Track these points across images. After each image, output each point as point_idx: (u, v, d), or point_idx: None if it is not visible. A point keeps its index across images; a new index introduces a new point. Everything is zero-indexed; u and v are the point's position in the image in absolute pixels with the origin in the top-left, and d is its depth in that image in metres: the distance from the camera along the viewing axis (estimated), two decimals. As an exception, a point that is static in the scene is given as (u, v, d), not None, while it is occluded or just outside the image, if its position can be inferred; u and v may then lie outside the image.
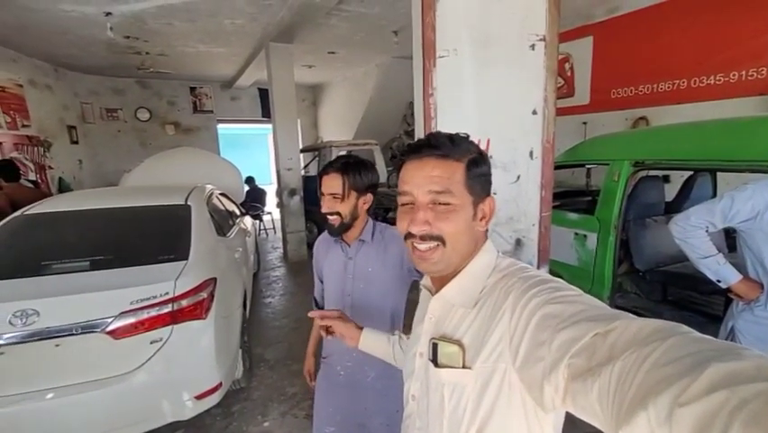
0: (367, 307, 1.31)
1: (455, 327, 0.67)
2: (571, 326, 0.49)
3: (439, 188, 0.64)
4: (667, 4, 4.24)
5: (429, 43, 1.63)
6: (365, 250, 1.31)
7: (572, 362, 0.47)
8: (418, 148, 0.67)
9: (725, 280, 1.61)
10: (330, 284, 1.37)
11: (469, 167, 0.66)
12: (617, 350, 0.43)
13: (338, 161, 1.26)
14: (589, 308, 0.51)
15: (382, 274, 1.29)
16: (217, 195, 3.58)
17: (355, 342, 1.03)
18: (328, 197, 1.24)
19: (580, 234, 2.80)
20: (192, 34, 5.32)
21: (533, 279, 0.61)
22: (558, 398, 0.50)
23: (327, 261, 1.37)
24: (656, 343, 0.40)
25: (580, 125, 5.06)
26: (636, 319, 0.46)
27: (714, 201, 1.61)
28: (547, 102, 1.71)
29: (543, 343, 0.52)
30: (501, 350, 0.59)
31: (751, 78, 3.70)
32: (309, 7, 4.17)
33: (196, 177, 4.19)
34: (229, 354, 2.26)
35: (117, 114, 8.49)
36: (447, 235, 0.65)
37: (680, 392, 0.34)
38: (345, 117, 9.40)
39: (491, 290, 0.65)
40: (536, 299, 0.56)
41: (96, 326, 1.77)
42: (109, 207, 2.56)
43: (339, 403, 1.37)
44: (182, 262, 2.10)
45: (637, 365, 0.39)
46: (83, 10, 4.18)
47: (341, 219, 1.26)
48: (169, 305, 1.89)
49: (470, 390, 0.62)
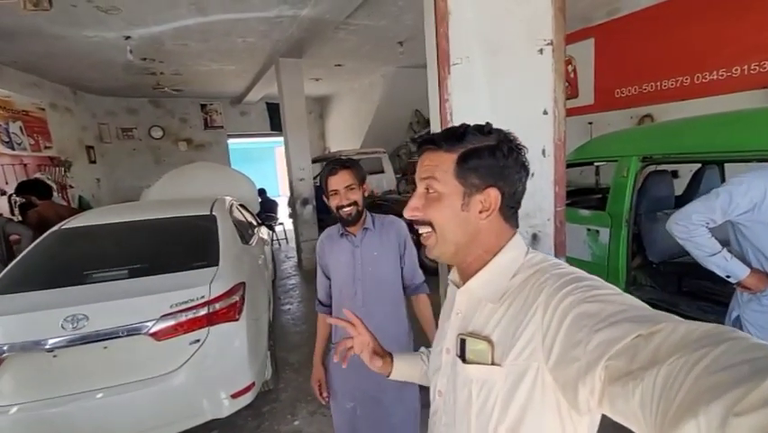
0: (377, 286, 1.49)
1: (484, 323, 0.66)
2: (610, 326, 0.47)
3: (426, 174, 0.69)
4: (667, 4, 4.34)
5: (443, 52, 1.75)
6: (369, 237, 1.50)
7: (610, 364, 0.45)
8: (422, 143, 0.72)
9: (734, 276, 1.60)
10: (339, 274, 1.51)
11: (464, 157, 0.66)
12: (663, 354, 0.41)
13: (338, 162, 1.45)
14: (630, 308, 0.49)
15: (386, 256, 1.51)
16: (237, 206, 3.71)
17: (386, 371, 0.96)
18: (344, 190, 1.41)
19: (593, 230, 2.87)
20: (205, 53, 5.53)
21: (567, 276, 0.59)
22: (593, 400, 0.48)
23: (333, 255, 1.52)
24: (708, 348, 0.38)
25: (586, 125, 5.14)
26: (683, 322, 0.44)
27: (710, 198, 1.62)
28: (557, 102, 1.81)
29: (578, 343, 0.50)
30: (534, 348, 0.57)
31: (753, 71, 3.77)
32: (319, 23, 4.34)
33: (214, 189, 4.33)
34: (259, 355, 2.35)
35: (132, 132, 8.76)
36: (434, 222, 0.69)
37: (736, 401, 0.32)
38: (352, 127, 9.57)
39: (522, 285, 0.63)
40: (571, 296, 0.54)
41: (139, 328, 1.89)
42: (141, 219, 2.69)
43: (356, 380, 1.48)
44: (214, 268, 2.22)
45: (686, 371, 0.37)
46: (104, 35, 4.40)
47: (356, 208, 1.44)
48: (205, 307, 2.00)
49: (499, 387, 0.61)
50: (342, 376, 1.52)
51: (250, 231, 3.68)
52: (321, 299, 1.62)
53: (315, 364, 1.60)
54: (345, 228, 1.51)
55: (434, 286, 1.73)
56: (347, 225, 1.48)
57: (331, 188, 1.43)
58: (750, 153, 2.12)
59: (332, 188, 1.43)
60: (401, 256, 1.55)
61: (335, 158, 1.57)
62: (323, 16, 4.12)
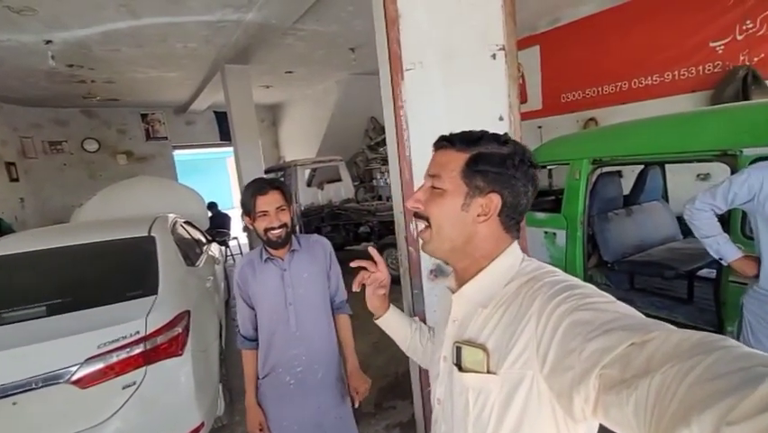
0: (310, 308, 1.44)
1: (479, 331, 0.66)
2: (604, 334, 0.47)
3: (433, 171, 0.71)
4: (604, 13, 4.59)
5: (395, 57, 1.66)
6: (297, 258, 1.44)
7: (604, 372, 0.45)
8: (438, 141, 0.73)
9: (724, 258, 1.73)
10: (267, 302, 1.42)
11: (475, 159, 0.66)
12: (656, 362, 0.41)
13: (264, 181, 1.38)
14: (623, 316, 0.49)
15: (316, 276, 1.46)
16: (181, 223, 3.42)
17: (379, 313, 1.00)
18: (274, 211, 1.34)
19: (550, 233, 2.90)
20: (141, 60, 5.13)
21: (560, 283, 0.59)
22: (588, 408, 0.48)
23: (258, 282, 1.43)
24: (700, 356, 0.38)
25: (536, 129, 5.32)
26: (676, 330, 0.44)
27: (716, 185, 1.70)
28: (512, 108, 1.78)
29: (572, 351, 0.50)
30: (528, 357, 0.57)
31: (683, 77, 4.05)
32: (265, 28, 4.15)
33: (157, 206, 3.99)
34: (209, 390, 2.13)
35: (62, 146, 7.98)
36: (431, 217, 0.70)
37: (728, 410, 0.32)
38: (307, 135, 9.35)
39: (516, 293, 0.63)
40: (565, 304, 0.54)
41: (58, 376, 1.62)
42: (64, 246, 2.36)
43: (293, 412, 1.43)
44: (151, 297, 1.97)
45: (679, 379, 0.37)
46: (20, 38, 3.93)
47: (287, 230, 1.37)
48: (140, 345, 1.76)
49: (495, 395, 0.61)
50: (277, 412, 1.44)
51: (197, 250, 3.39)
52: (245, 333, 1.49)
53: (250, 407, 1.46)
54: (270, 252, 1.42)
55: (398, 294, 1.65)
56: (275, 247, 1.40)
57: (259, 210, 1.33)
58: (690, 154, 2.22)
59: (260, 209, 1.33)
60: (327, 273, 1.51)
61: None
62: (269, 21, 3.94)
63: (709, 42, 3.88)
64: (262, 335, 1.44)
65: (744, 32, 3.70)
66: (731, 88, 3.64)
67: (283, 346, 1.42)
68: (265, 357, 1.44)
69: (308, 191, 6.57)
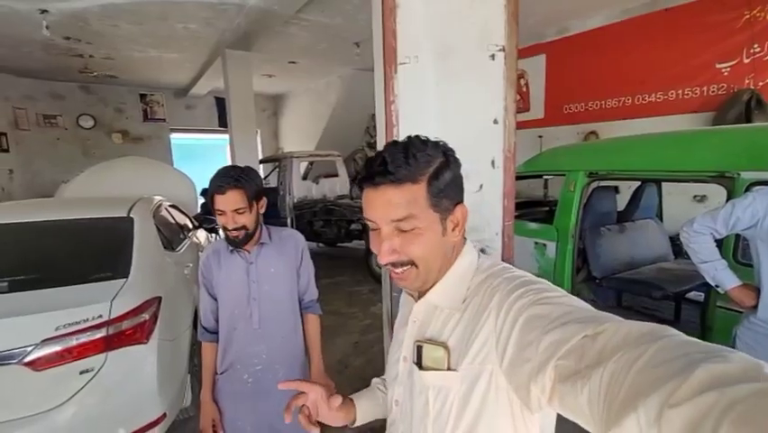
0: (275, 306, 1.37)
1: (440, 329, 0.66)
2: (559, 327, 0.49)
3: (400, 215, 0.62)
4: (612, 27, 4.54)
5: (390, 49, 1.59)
6: (265, 252, 1.37)
7: (560, 363, 0.47)
8: (372, 176, 0.63)
9: (721, 285, 1.64)
10: (230, 294, 1.36)
11: (431, 183, 0.62)
12: (607, 353, 0.43)
13: (229, 176, 1.24)
14: (576, 309, 0.52)
15: (284, 273, 1.39)
16: (167, 207, 3.33)
17: (349, 420, 0.84)
18: (231, 213, 1.24)
19: (540, 244, 2.85)
20: (140, 38, 5.03)
21: (518, 279, 0.61)
22: (544, 398, 0.50)
23: (223, 272, 1.36)
24: (646, 345, 0.40)
25: (536, 139, 5.27)
26: (626, 322, 0.46)
27: (717, 208, 1.62)
28: (507, 111, 1.71)
29: (530, 344, 0.51)
30: (487, 351, 0.58)
31: (687, 96, 4.01)
32: (267, 14, 4.07)
33: (145, 188, 3.90)
34: (175, 381, 2.05)
35: (56, 120, 7.85)
36: (417, 259, 0.65)
37: (669, 394, 0.34)
38: (307, 128, 9.27)
39: (476, 290, 0.65)
40: (523, 299, 0.56)
41: (11, 357, 1.53)
42: (37, 221, 2.28)
43: (247, 413, 1.37)
44: (120, 281, 1.89)
45: (627, 367, 0.39)
46: (13, 6, 3.83)
47: (246, 231, 1.28)
48: (102, 329, 1.68)
49: (455, 392, 0.62)
50: (232, 411, 1.38)
51: (181, 235, 3.31)
52: (206, 325, 1.42)
53: (205, 402, 1.39)
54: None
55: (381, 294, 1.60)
56: (236, 246, 1.32)
57: (217, 207, 1.24)
58: (685, 174, 2.17)
59: (217, 207, 1.24)
60: (297, 270, 1.44)
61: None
62: (271, 7, 3.86)
63: (716, 63, 3.84)
64: (223, 329, 1.38)
65: (751, 56, 3.65)
66: (734, 111, 3.59)
67: (243, 342, 1.35)
68: (224, 352, 1.38)
69: (303, 185, 6.49)
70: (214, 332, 1.41)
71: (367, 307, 4.19)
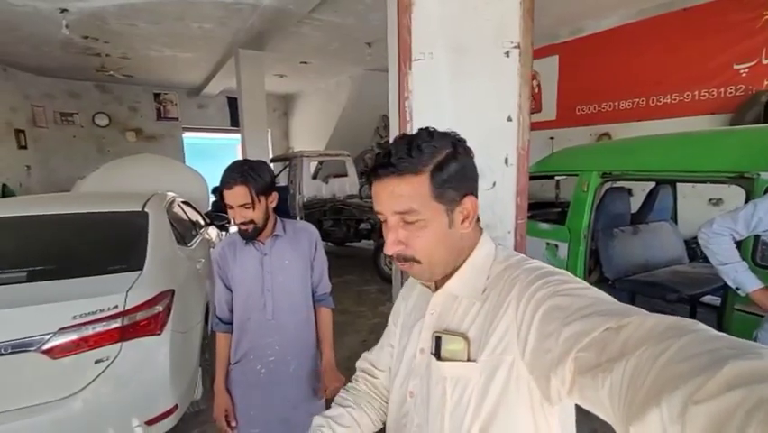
0: (288, 297, 1.39)
1: (460, 320, 0.66)
2: (580, 319, 0.48)
3: (402, 207, 0.62)
4: (627, 27, 4.48)
5: (405, 46, 1.59)
6: (279, 244, 1.39)
7: (580, 355, 0.46)
8: (376, 168, 0.64)
9: (742, 288, 1.60)
10: (244, 286, 1.38)
11: (434, 175, 0.61)
12: (631, 346, 0.42)
13: (236, 172, 1.26)
14: (599, 301, 0.50)
15: (298, 264, 1.41)
16: (179, 203, 3.38)
17: None
18: (238, 209, 1.26)
19: (552, 245, 2.82)
20: (157, 37, 5.11)
21: (538, 270, 0.60)
22: (564, 390, 0.50)
23: (238, 264, 1.38)
24: (672, 339, 0.39)
25: (548, 140, 5.22)
26: (652, 315, 0.44)
27: (737, 209, 1.59)
28: (522, 109, 1.70)
29: (550, 334, 0.51)
30: (508, 342, 0.58)
31: (703, 98, 3.94)
32: (281, 14, 4.11)
33: (158, 185, 3.96)
34: (186, 373, 2.07)
35: (73, 118, 8.01)
36: (419, 254, 0.65)
37: (695, 390, 0.33)
38: (317, 128, 9.31)
39: (495, 281, 0.64)
40: (543, 290, 0.55)
41: (29, 344, 1.57)
42: (55, 214, 2.33)
43: (260, 403, 1.37)
44: (136, 273, 1.92)
45: (651, 361, 0.38)
46: (35, 5, 3.92)
47: (254, 225, 1.30)
48: (118, 319, 1.71)
49: (474, 383, 0.61)
50: (245, 401, 1.40)
51: (193, 231, 3.35)
52: (220, 315, 1.43)
53: (219, 391, 1.40)
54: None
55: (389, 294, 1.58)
56: (247, 239, 1.35)
57: (226, 202, 1.28)
58: (702, 174, 2.13)
59: (227, 201, 1.28)
60: (311, 262, 1.45)
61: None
62: (285, 7, 3.90)
63: (733, 65, 3.77)
64: (237, 319, 1.39)
65: (770, 57, 3.58)
66: (752, 113, 3.52)
67: (257, 333, 1.36)
68: (237, 342, 1.39)
69: (313, 184, 6.52)
70: (229, 322, 1.42)
71: (375, 306, 4.19)
